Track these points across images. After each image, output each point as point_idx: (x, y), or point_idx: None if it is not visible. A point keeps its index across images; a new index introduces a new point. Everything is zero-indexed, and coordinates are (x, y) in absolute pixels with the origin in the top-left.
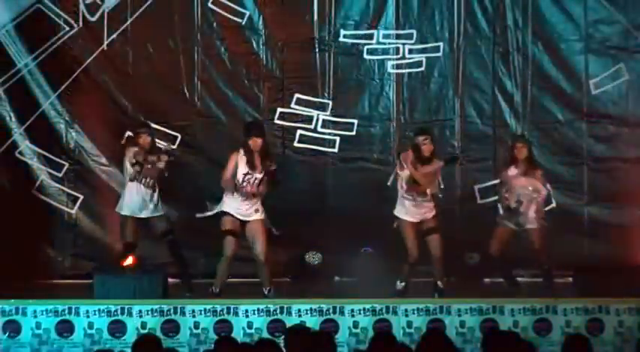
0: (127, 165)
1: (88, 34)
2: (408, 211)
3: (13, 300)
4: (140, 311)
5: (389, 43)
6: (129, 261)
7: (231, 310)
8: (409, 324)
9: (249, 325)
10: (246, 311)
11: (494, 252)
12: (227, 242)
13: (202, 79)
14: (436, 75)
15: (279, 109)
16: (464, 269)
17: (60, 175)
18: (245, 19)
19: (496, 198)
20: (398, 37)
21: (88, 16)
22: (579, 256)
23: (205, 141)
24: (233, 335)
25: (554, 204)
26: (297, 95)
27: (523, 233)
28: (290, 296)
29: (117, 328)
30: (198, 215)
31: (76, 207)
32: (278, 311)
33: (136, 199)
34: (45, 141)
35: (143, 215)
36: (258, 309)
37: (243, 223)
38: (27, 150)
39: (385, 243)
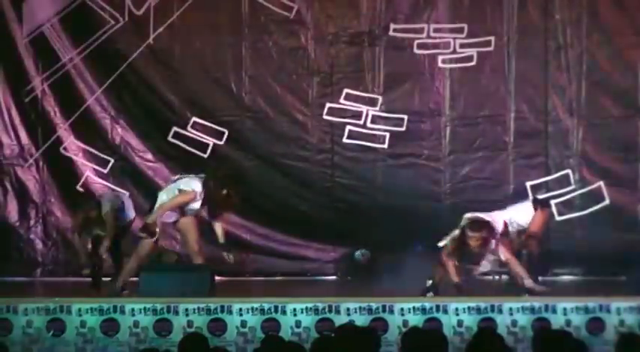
0: None
1: (134, 28)
2: None
3: (57, 298)
4: (186, 310)
5: (439, 38)
6: None
7: (279, 309)
8: (460, 323)
9: (297, 324)
10: (294, 309)
11: None
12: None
13: (250, 73)
14: (487, 69)
15: (328, 104)
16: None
17: (105, 171)
18: (293, 12)
19: (550, 194)
20: (449, 31)
21: (133, 9)
22: (633, 254)
23: (253, 136)
24: (281, 334)
25: (607, 202)
26: (346, 90)
27: None
28: (339, 295)
29: (163, 326)
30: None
31: None
32: (326, 310)
33: None
34: (90, 136)
35: None
36: (306, 308)
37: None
38: (72, 145)
39: (436, 240)
